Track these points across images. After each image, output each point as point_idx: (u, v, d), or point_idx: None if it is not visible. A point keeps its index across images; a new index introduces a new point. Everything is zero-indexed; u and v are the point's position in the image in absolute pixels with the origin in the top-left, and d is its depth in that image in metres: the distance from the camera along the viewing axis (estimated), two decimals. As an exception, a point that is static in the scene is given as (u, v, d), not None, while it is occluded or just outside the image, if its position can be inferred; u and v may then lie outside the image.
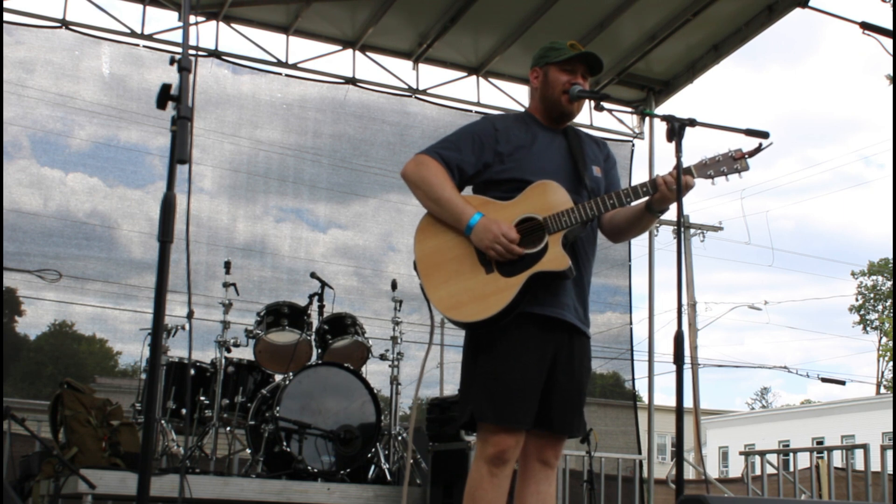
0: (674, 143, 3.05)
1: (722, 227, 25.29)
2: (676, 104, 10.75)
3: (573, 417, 3.14)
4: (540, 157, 3.18)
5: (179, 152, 2.33)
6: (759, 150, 3.08)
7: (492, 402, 3.00)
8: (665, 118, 3.07)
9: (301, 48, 7.81)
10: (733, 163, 3.09)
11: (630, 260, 8.91)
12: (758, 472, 8.07)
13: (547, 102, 3.27)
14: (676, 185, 3.03)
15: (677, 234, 4.21)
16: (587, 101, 3.35)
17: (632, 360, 8.76)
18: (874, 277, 41.00)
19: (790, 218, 68.58)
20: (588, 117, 8.48)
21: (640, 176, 8.89)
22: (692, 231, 24.85)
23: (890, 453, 8.33)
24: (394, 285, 6.17)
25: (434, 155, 3.16)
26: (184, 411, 5.76)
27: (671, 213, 3.23)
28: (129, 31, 7.24)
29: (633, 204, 3.17)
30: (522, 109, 3.46)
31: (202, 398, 5.78)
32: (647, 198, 3.12)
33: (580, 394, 3.16)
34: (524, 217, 3.06)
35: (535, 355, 3.04)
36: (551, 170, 3.16)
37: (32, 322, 7.48)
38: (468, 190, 3.28)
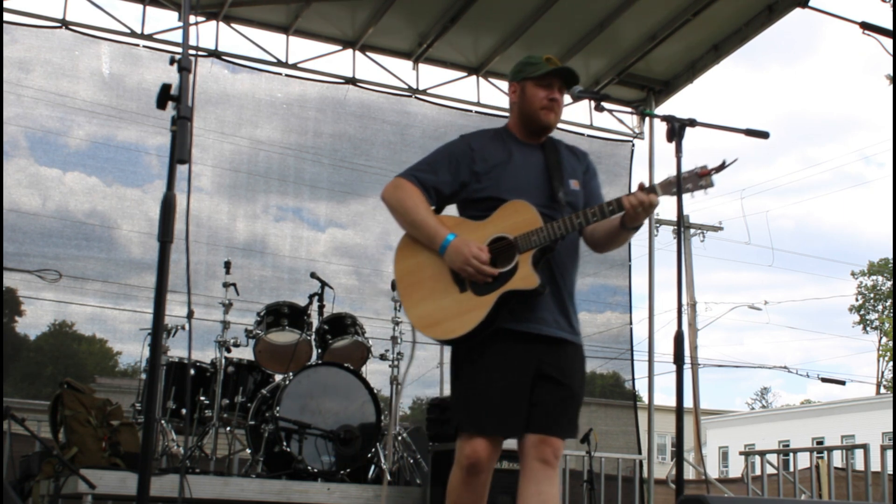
0: (674, 143, 3.06)
1: (722, 227, 25.34)
2: (676, 104, 10.74)
3: (557, 421, 3.16)
4: (515, 174, 3.23)
5: (179, 152, 2.33)
6: (723, 166, 3.07)
7: (468, 412, 3.09)
8: (665, 118, 3.08)
9: (301, 48, 7.81)
10: (698, 179, 3.09)
11: (630, 260, 8.91)
12: (758, 472, 8.07)
13: (525, 117, 3.31)
14: (676, 185, 3.06)
15: (677, 234, 4.21)
16: (587, 101, 3.37)
17: (632, 360, 8.76)
18: (874, 277, 41.01)
19: (790, 218, 68.65)
20: (588, 117, 8.49)
21: (639, 176, 8.89)
22: (692, 231, 24.86)
23: (890, 453, 8.34)
24: (394, 285, 6.15)
25: (410, 178, 3.24)
26: (184, 411, 5.76)
27: (671, 214, 3.24)
28: (128, 30, 7.23)
29: (612, 219, 3.18)
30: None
31: (202, 398, 5.78)
32: (620, 214, 3.14)
33: (568, 399, 3.17)
34: (496, 237, 3.12)
35: (513, 366, 3.09)
36: (526, 187, 3.20)
37: (32, 322, 7.47)
38: (452, 209, 3.34)
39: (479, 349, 3.10)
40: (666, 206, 11.58)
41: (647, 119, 8.47)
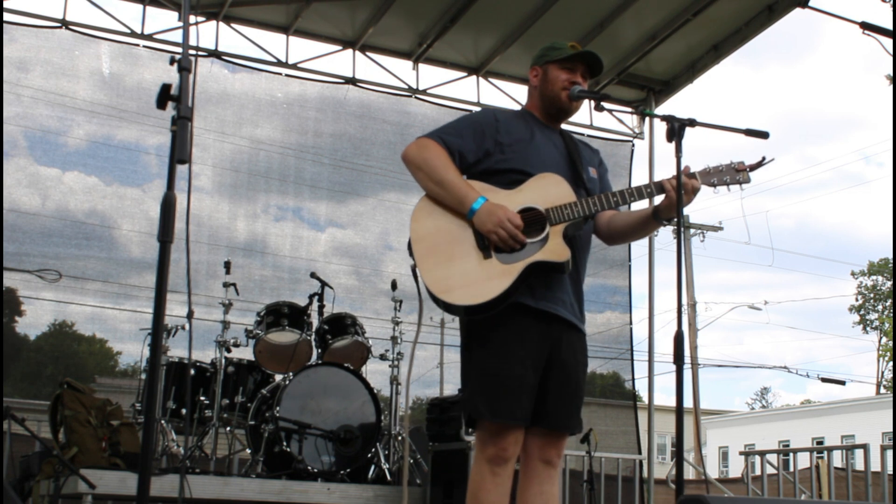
0: (674, 143, 3.06)
1: (722, 227, 25.35)
2: (676, 104, 10.76)
3: (570, 414, 3.12)
4: (539, 151, 3.20)
5: (179, 152, 2.32)
6: (761, 163, 3.13)
7: (487, 399, 2.98)
8: (665, 118, 3.08)
9: (301, 48, 7.81)
10: (736, 174, 3.15)
11: (630, 260, 8.91)
12: (758, 472, 8.07)
13: (546, 100, 3.29)
14: (677, 185, 3.05)
15: (677, 234, 4.20)
16: (586, 101, 3.37)
17: (632, 360, 8.76)
18: (874, 277, 41.02)
19: (790, 217, 68.67)
20: (588, 117, 8.49)
21: (639, 176, 8.89)
22: (692, 231, 24.87)
23: (890, 453, 8.34)
24: (394, 285, 6.16)
25: (436, 139, 3.15)
26: (184, 411, 5.76)
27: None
28: (128, 30, 7.24)
29: (637, 209, 3.19)
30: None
31: (202, 398, 5.78)
32: (650, 202, 3.15)
33: (577, 390, 3.14)
34: (526, 207, 3.06)
35: (529, 350, 3.01)
36: (551, 164, 3.17)
37: (32, 322, 7.47)
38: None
39: (493, 327, 2.99)
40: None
41: (647, 119, 8.47)
